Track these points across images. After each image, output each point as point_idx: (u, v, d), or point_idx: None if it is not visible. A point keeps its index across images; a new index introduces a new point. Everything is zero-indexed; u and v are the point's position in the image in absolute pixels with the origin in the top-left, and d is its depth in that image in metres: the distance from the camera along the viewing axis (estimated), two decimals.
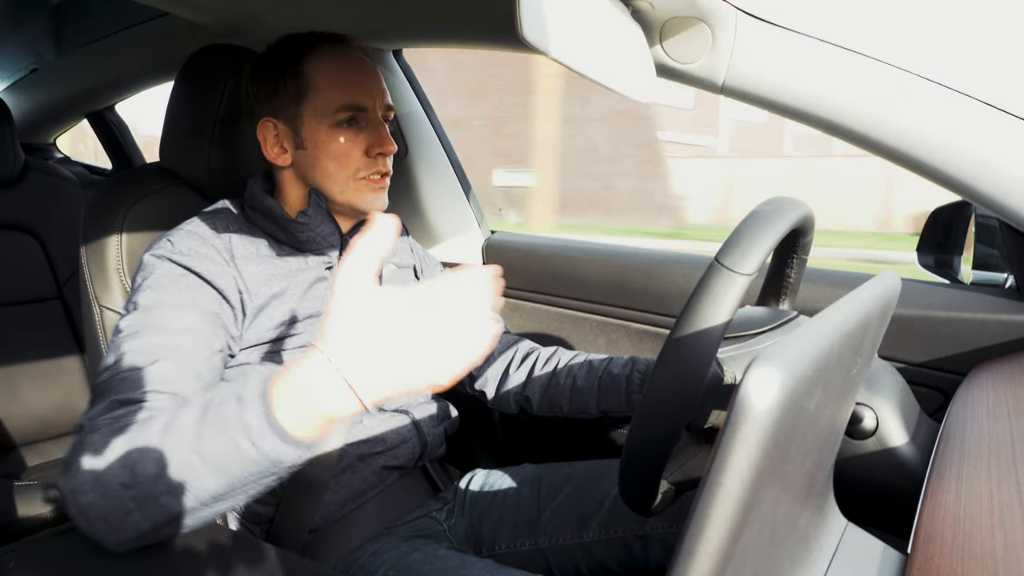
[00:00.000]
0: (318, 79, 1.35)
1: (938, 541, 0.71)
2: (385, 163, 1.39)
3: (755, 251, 0.92)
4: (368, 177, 1.37)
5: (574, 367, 1.54)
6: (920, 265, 1.65)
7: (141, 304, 1.17)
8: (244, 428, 0.82)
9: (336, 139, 1.35)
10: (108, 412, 0.98)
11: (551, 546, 1.43)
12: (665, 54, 1.32)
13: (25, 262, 2.41)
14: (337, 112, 1.34)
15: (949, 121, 1.16)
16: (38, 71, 3.14)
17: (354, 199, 1.38)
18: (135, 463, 0.87)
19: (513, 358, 1.63)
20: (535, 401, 1.57)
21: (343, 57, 1.38)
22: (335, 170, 1.36)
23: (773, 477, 0.54)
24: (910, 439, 1.14)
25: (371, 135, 1.37)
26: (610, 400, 1.47)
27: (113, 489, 0.87)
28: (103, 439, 0.92)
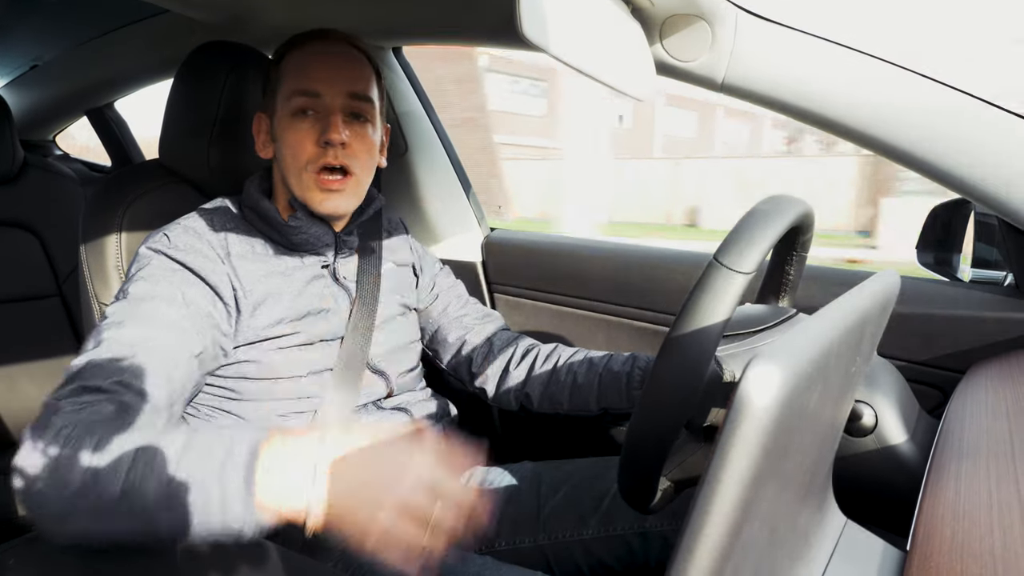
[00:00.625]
0: (285, 70, 1.36)
1: (937, 539, 0.71)
2: (336, 154, 1.32)
3: (753, 250, 0.92)
4: (318, 172, 1.33)
5: (574, 364, 1.54)
6: (919, 263, 1.65)
7: (131, 294, 1.18)
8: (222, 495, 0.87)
9: (291, 129, 1.33)
10: (73, 396, 0.99)
11: (550, 543, 1.43)
12: (665, 52, 1.32)
13: (24, 259, 2.41)
14: (291, 99, 1.33)
15: (948, 118, 1.16)
16: (38, 68, 3.14)
17: (307, 195, 1.35)
18: (99, 479, 0.88)
19: (513, 355, 1.63)
20: (535, 398, 1.58)
21: (313, 47, 1.37)
22: (291, 161, 1.34)
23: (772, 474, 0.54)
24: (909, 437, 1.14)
25: (323, 123, 1.33)
26: (610, 397, 1.47)
27: (68, 492, 0.88)
28: (66, 431, 0.92)
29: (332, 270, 1.45)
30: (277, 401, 1.33)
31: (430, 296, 1.69)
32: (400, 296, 1.58)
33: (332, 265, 1.45)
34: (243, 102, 1.51)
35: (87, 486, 0.87)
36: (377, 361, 1.47)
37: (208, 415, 1.35)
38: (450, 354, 1.70)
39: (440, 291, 1.71)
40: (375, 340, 1.47)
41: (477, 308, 1.75)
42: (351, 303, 1.46)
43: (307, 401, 1.36)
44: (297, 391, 1.35)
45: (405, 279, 1.63)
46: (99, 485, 0.87)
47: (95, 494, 0.87)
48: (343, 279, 1.46)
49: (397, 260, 1.62)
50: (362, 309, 1.45)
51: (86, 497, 0.87)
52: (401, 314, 1.58)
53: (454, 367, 1.70)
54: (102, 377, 1.03)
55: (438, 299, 1.70)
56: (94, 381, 1.02)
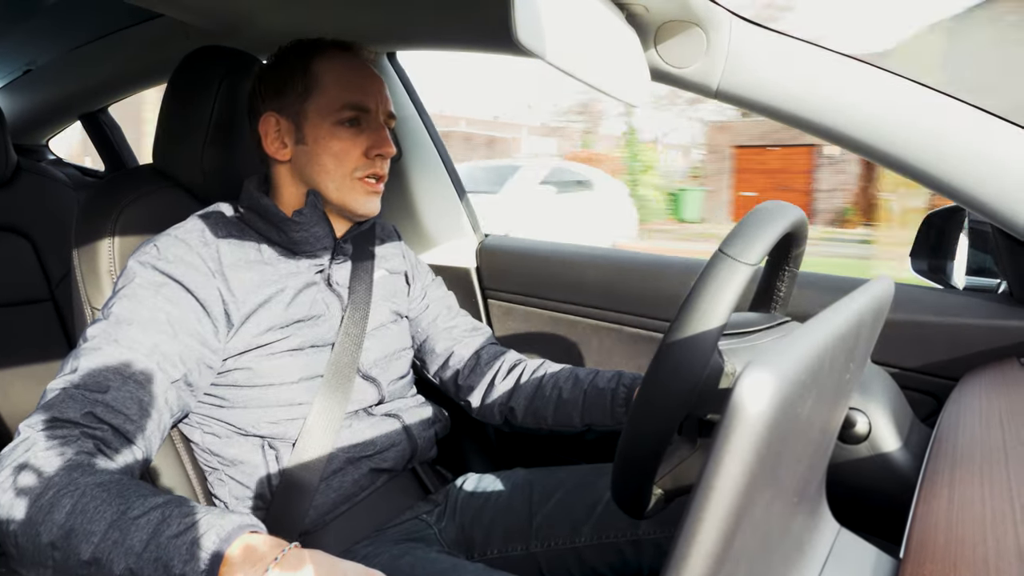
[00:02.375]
0: (325, 78, 1.38)
1: (930, 546, 0.71)
2: (382, 166, 1.41)
3: (759, 242, 0.93)
4: (364, 178, 1.40)
5: (560, 379, 1.55)
6: (913, 270, 1.65)
7: (113, 314, 1.18)
8: None
9: (337, 136, 1.37)
10: (47, 429, 1.00)
11: (543, 551, 1.43)
12: (660, 58, 1.32)
13: (17, 264, 2.40)
14: (341, 110, 1.37)
15: (943, 126, 1.16)
16: (31, 72, 3.13)
17: (348, 198, 1.40)
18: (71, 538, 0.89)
19: (499, 369, 1.64)
20: (519, 412, 1.59)
21: (351, 60, 1.42)
22: (333, 167, 1.38)
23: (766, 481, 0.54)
24: (903, 444, 1.14)
25: (371, 136, 1.39)
26: (594, 413, 1.48)
27: (41, 540, 0.90)
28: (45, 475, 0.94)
29: (326, 275, 1.45)
30: (267, 408, 1.33)
31: (421, 305, 1.69)
32: (392, 303, 1.59)
33: (327, 270, 1.45)
34: (237, 107, 1.51)
35: (58, 542, 0.89)
36: (368, 368, 1.47)
37: (199, 423, 1.35)
38: (437, 365, 1.70)
39: (431, 301, 1.71)
40: (366, 347, 1.47)
41: (467, 320, 1.75)
42: (343, 309, 1.46)
43: (298, 408, 1.35)
44: (288, 398, 1.34)
45: (397, 287, 1.64)
46: (71, 545, 0.88)
47: (64, 554, 0.88)
48: (336, 285, 1.46)
49: (390, 268, 1.62)
50: (354, 316, 1.46)
51: (57, 552, 0.89)
52: (393, 321, 1.58)
53: (440, 378, 1.72)
54: (76, 409, 1.04)
55: (428, 308, 1.70)
56: (68, 413, 1.03)
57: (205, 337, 1.25)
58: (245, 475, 1.35)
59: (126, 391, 1.09)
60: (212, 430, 1.35)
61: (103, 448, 1.02)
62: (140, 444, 1.09)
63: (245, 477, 1.35)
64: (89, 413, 1.04)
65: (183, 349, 1.20)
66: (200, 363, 1.24)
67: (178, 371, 1.19)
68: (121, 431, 1.06)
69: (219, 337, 1.28)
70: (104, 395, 1.07)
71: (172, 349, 1.18)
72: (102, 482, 0.93)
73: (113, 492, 0.92)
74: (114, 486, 0.93)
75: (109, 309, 1.19)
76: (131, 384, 1.11)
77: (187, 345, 1.21)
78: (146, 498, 0.92)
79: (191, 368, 1.22)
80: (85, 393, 1.06)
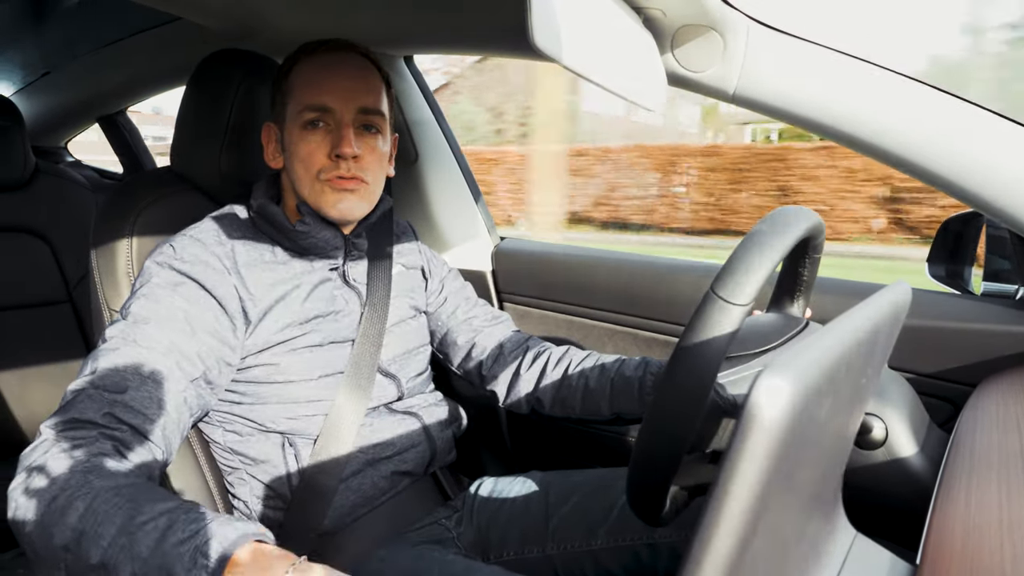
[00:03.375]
0: (295, 82, 1.37)
1: (947, 552, 0.71)
2: (348, 167, 1.35)
3: (750, 281, 0.91)
4: (331, 178, 1.35)
5: (586, 368, 1.54)
6: (931, 276, 1.64)
7: (132, 313, 1.18)
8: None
9: (303, 140, 1.35)
10: (67, 430, 1.01)
11: (559, 553, 1.43)
12: (676, 62, 1.32)
13: (35, 265, 2.42)
14: (302, 112, 1.35)
15: (960, 132, 1.16)
16: (50, 75, 3.15)
17: (319, 201, 1.36)
18: (82, 542, 0.89)
19: (524, 359, 1.63)
20: (547, 402, 1.58)
21: (322, 59, 1.38)
22: (302, 172, 1.36)
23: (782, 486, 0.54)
24: (920, 450, 1.13)
25: (334, 136, 1.35)
26: (623, 402, 1.47)
27: (54, 543, 0.90)
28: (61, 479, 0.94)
29: (342, 272, 1.45)
30: (287, 404, 1.34)
31: (439, 299, 1.69)
32: (410, 299, 1.59)
33: (342, 268, 1.45)
34: (255, 109, 1.51)
35: (70, 545, 0.89)
36: (387, 364, 1.48)
37: (220, 421, 1.35)
38: (460, 357, 1.70)
39: (448, 294, 1.71)
40: (385, 343, 1.47)
41: (486, 310, 1.75)
42: (362, 305, 1.46)
43: (318, 404, 1.36)
44: (308, 394, 1.35)
45: (415, 282, 1.64)
46: (81, 548, 0.88)
47: (76, 556, 0.88)
48: (353, 281, 1.46)
49: (406, 263, 1.62)
50: (373, 312, 1.46)
51: (69, 555, 0.89)
52: (412, 317, 1.58)
53: (464, 370, 1.71)
54: (95, 409, 1.04)
55: (447, 302, 1.70)
56: (87, 414, 1.03)
57: (223, 335, 1.25)
58: (266, 473, 1.35)
59: (145, 391, 1.10)
60: (233, 428, 1.35)
61: (121, 449, 1.03)
62: (159, 443, 1.09)
63: (266, 475, 1.35)
64: (108, 414, 1.04)
65: (201, 347, 1.21)
66: (219, 361, 1.24)
67: (197, 369, 1.19)
68: (140, 431, 1.06)
69: (237, 334, 1.28)
70: (123, 395, 1.07)
71: (190, 347, 1.19)
72: (116, 485, 0.93)
73: (125, 496, 0.92)
74: (127, 489, 0.93)
75: (127, 309, 1.19)
76: (150, 383, 1.11)
77: (205, 343, 1.21)
78: (156, 503, 0.91)
79: (210, 366, 1.22)
80: (104, 393, 1.06)
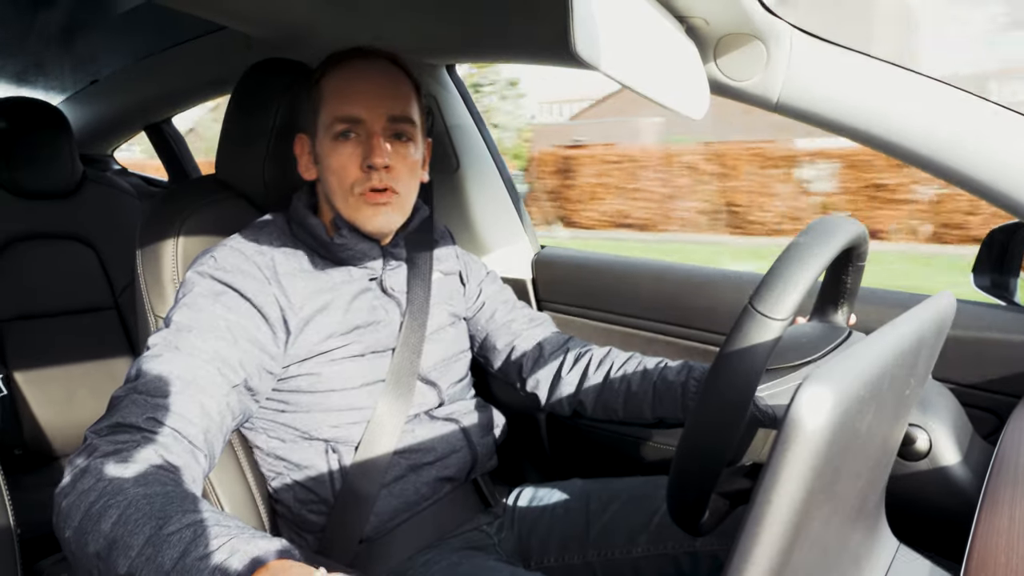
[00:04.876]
0: (325, 92, 1.37)
1: (991, 565, 0.70)
2: (380, 178, 1.34)
3: (789, 295, 0.90)
4: (365, 193, 1.34)
5: (627, 372, 1.54)
6: (976, 286, 1.62)
7: (175, 322, 1.19)
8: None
9: (335, 152, 1.34)
10: (110, 434, 1.02)
11: (600, 560, 1.43)
12: (719, 71, 1.32)
13: (82, 272, 2.45)
14: (332, 124, 1.34)
15: (1005, 142, 1.15)
16: (97, 83, 3.20)
17: (354, 216, 1.36)
18: (112, 551, 0.89)
19: (564, 360, 1.63)
20: (589, 405, 1.58)
21: (351, 68, 1.38)
22: (336, 185, 1.36)
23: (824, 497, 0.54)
24: (963, 461, 1.12)
25: (365, 147, 1.34)
26: (666, 407, 1.47)
27: (88, 549, 0.90)
28: (100, 485, 0.94)
29: (380, 282, 1.46)
30: (330, 412, 1.35)
31: (477, 303, 1.70)
32: (449, 306, 1.59)
33: (379, 277, 1.46)
34: (297, 119, 1.53)
35: (102, 552, 0.89)
36: (428, 372, 1.48)
37: (264, 428, 1.37)
38: (500, 360, 1.69)
39: (487, 298, 1.71)
40: (426, 351, 1.47)
41: (525, 312, 1.74)
42: (402, 314, 1.47)
43: (360, 412, 1.37)
44: (349, 403, 1.36)
45: (453, 288, 1.64)
46: (111, 557, 0.88)
47: (107, 565, 0.89)
48: (392, 290, 1.47)
49: (444, 269, 1.63)
50: (413, 321, 1.46)
51: (100, 563, 0.89)
52: (451, 324, 1.58)
53: (505, 373, 1.70)
54: (138, 414, 1.05)
55: (485, 306, 1.70)
56: (130, 418, 1.04)
57: (264, 343, 1.26)
58: (308, 479, 1.36)
59: (187, 395, 1.11)
60: (277, 435, 1.36)
61: (163, 452, 1.03)
62: (202, 447, 1.10)
63: (308, 481, 1.36)
64: (151, 418, 1.05)
65: (243, 355, 1.22)
66: (260, 369, 1.25)
67: (239, 376, 1.20)
68: (183, 434, 1.07)
69: (278, 343, 1.29)
70: (165, 399, 1.08)
71: (232, 355, 1.20)
72: (149, 493, 0.93)
73: (156, 504, 0.92)
74: (159, 498, 0.93)
75: (170, 318, 1.21)
76: (192, 388, 1.12)
77: (247, 351, 1.23)
78: (185, 513, 0.91)
79: (251, 373, 1.23)
80: (147, 398, 1.08)
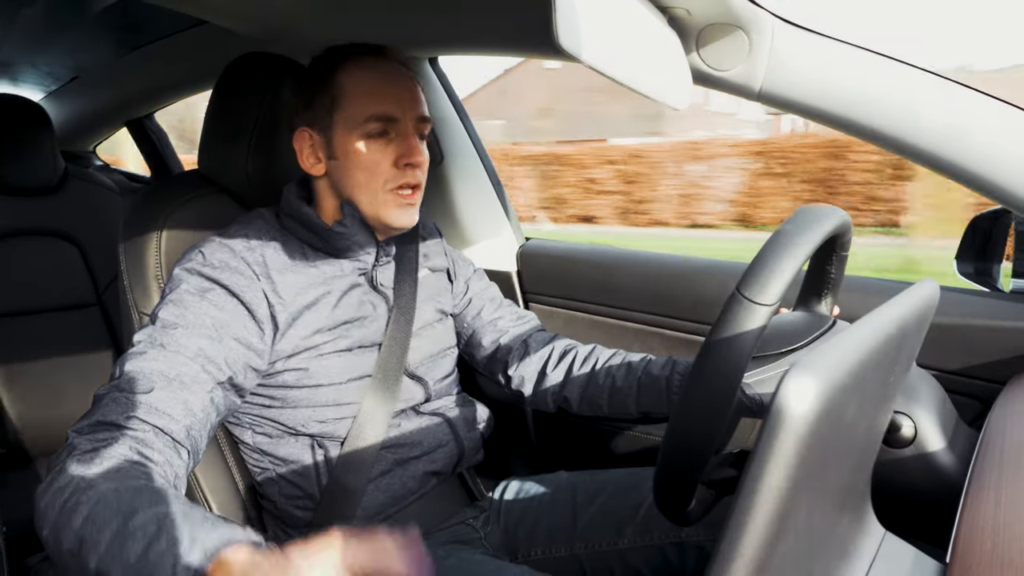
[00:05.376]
0: (349, 89, 1.36)
1: (977, 551, 0.71)
2: (414, 175, 1.38)
3: (775, 281, 0.91)
4: (396, 190, 1.37)
5: (612, 367, 1.55)
6: (959, 273, 1.63)
7: (160, 319, 1.19)
8: None
9: (366, 149, 1.35)
10: (91, 432, 1.02)
11: (586, 552, 1.43)
12: (701, 61, 1.32)
13: (65, 269, 2.44)
14: (367, 122, 1.34)
15: (987, 128, 1.15)
16: (78, 79, 3.18)
17: (382, 212, 1.38)
18: (82, 547, 0.88)
19: (550, 357, 1.63)
20: (574, 401, 1.58)
21: (376, 68, 1.39)
22: (365, 181, 1.36)
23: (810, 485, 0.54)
24: (948, 448, 1.13)
25: (400, 146, 1.36)
26: (650, 401, 1.48)
27: (62, 547, 0.90)
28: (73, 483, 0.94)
29: (370, 277, 1.46)
30: (316, 408, 1.35)
31: (464, 300, 1.70)
32: (437, 302, 1.59)
33: (370, 272, 1.46)
34: (281, 113, 1.52)
35: (74, 549, 0.89)
36: (415, 367, 1.48)
37: (250, 424, 1.36)
38: (486, 357, 1.70)
39: (473, 295, 1.71)
40: (413, 347, 1.47)
41: (512, 310, 1.75)
42: (389, 310, 1.47)
43: (347, 407, 1.37)
44: (336, 398, 1.36)
45: (441, 284, 1.64)
46: (82, 553, 0.88)
47: (78, 562, 0.88)
48: (381, 286, 1.47)
49: (432, 266, 1.63)
50: (400, 317, 1.46)
51: (73, 558, 0.89)
52: (438, 320, 1.59)
53: (490, 369, 1.71)
54: (119, 412, 1.05)
55: (472, 303, 1.70)
56: (111, 416, 1.04)
57: (250, 340, 1.26)
58: (295, 474, 1.36)
59: (170, 392, 1.11)
60: (263, 430, 1.36)
61: (142, 449, 1.02)
62: (184, 443, 1.10)
63: (295, 476, 1.36)
64: (132, 416, 1.05)
65: (228, 352, 1.21)
66: (246, 367, 1.25)
67: (223, 374, 1.20)
68: (164, 431, 1.07)
69: (264, 340, 1.29)
70: (147, 396, 1.08)
71: (217, 352, 1.20)
72: (119, 488, 0.92)
73: (125, 499, 0.91)
74: (128, 492, 0.92)
75: (156, 315, 1.21)
76: (175, 385, 1.12)
77: (232, 348, 1.22)
78: (153, 506, 0.89)
79: (236, 371, 1.23)
80: (129, 396, 1.07)
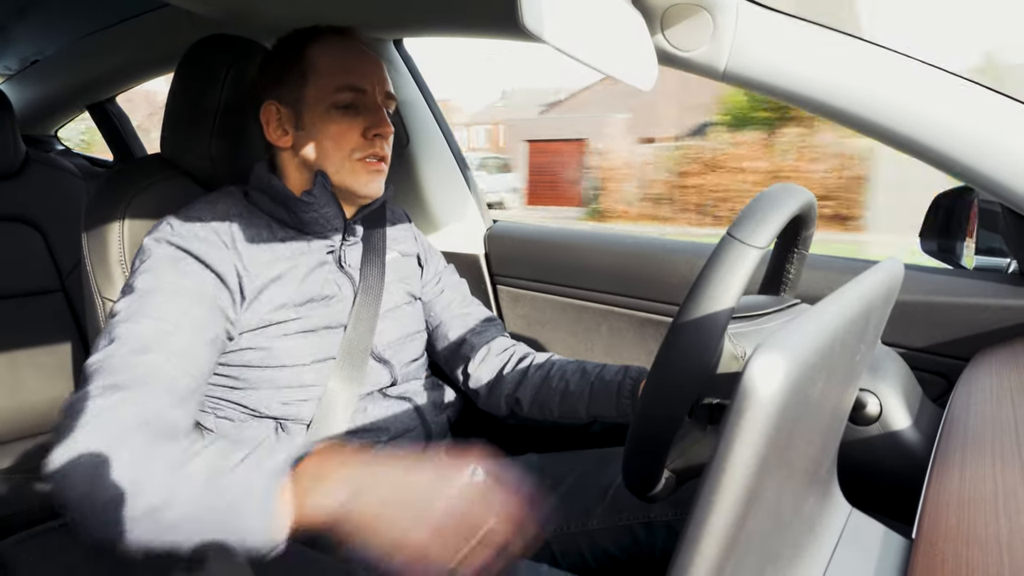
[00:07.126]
0: (320, 62, 1.39)
1: (942, 526, 0.71)
2: (382, 146, 1.41)
3: (768, 225, 0.92)
4: (364, 159, 1.40)
5: (567, 372, 1.55)
6: (923, 251, 1.64)
7: (137, 288, 1.19)
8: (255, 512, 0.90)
9: (335, 120, 1.38)
10: (100, 396, 1.01)
11: (556, 535, 1.44)
12: (666, 41, 1.31)
13: (27, 254, 2.40)
14: (336, 93, 1.37)
15: (951, 106, 1.16)
16: (39, 63, 3.13)
17: (350, 180, 1.40)
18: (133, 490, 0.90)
19: (508, 361, 1.65)
20: (525, 404, 1.58)
21: (345, 44, 1.42)
22: (333, 150, 1.38)
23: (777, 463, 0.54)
24: (914, 424, 1.14)
25: (369, 117, 1.40)
26: (600, 405, 1.48)
27: (102, 502, 0.90)
28: (97, 438, 0.94)
29: (337, 256, 1.45)
30: (280, 389, 1.34)
31: (436, 289, 1.70)
32: (406, 285, 1.59)
33: (338, 251, 1.46)
34: (244, 94, 1.51)
35: (118, 499, 0.89)
36: (382, 350, 1.48)
37: (213, 407, 1.35)
38: (448, 351, 1.70)
39: (446, 286, 1.72)
40: (380, 329, 1.47)
41: (480, 310, 1.75)
42: (355, 291, 1.46)
43: (311, 389, 1.36)
44: (300, 379, 1.35)
45: (410, 268, 1.64)
46: (132, 498, 0.89)
47: (128, 506, 0.89)
48: (348, 266, 1.47)
49: (402, 250, 1.63)
50: (366, 297, 1.46)
51: (119, 508, 0.89)
52: (407, 303, 1.59)
53: (450, 366, 1.71)
54: (121, 373, 1.05)
55: (443, 293, 1.70)
56: (113, 379, 1.04)
57: (224, 307, 1.27)
58: None
59: (167, 351, 1.12)
60: (225, 414, 1.35)
61: (152, 411, 1.03)
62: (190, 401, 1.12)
63: None
64: (134, 377, 1.05)
65: (210, 312, 1.23)
66: (224, 329, 1.26)
67: (211, 331, 1.22)
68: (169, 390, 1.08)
69: (235, 309, 1.29)
70: (147, 356, 1.09)
71: (200, 312, 1.21)
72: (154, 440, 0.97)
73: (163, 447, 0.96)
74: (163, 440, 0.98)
75: (131, 285, 1.20)
76: (170, 345, 1.13)
77: (212, 309, 1.24)
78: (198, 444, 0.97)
79: (219, 331, 1.24)
80: (127, 358, 1.08)
